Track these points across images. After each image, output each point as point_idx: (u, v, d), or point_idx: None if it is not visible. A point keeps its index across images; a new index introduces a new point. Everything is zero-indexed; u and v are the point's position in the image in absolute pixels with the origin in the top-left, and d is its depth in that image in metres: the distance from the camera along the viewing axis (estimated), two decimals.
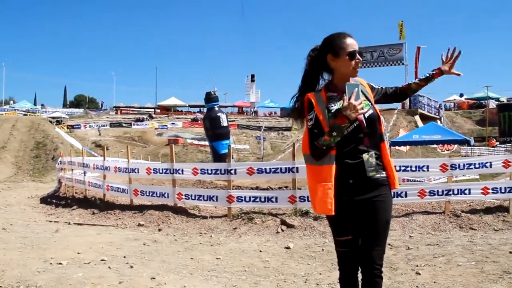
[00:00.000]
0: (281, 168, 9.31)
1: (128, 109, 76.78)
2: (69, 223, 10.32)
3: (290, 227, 8.89)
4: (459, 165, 8.88)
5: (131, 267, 6.15)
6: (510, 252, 6.48)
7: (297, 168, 9.12)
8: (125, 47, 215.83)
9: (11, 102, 74.80)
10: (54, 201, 13.89)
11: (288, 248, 7.52)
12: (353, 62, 2.94)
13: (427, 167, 8.88)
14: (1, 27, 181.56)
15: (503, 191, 8.81)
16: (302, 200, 9.13)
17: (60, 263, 6.32)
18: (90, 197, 12.45)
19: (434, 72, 3.14)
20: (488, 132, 45.40)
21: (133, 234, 8.92)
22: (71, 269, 5.97)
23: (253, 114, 71.14)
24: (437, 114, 43.18)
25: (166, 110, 74.93)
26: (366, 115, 2.93)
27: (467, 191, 8.85)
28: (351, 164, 2.88)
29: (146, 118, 65.37)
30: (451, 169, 8.81)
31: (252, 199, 9.42)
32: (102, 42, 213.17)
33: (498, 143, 40.46)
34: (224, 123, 27.79)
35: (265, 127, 60.17)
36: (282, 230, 8.79)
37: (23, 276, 5.60)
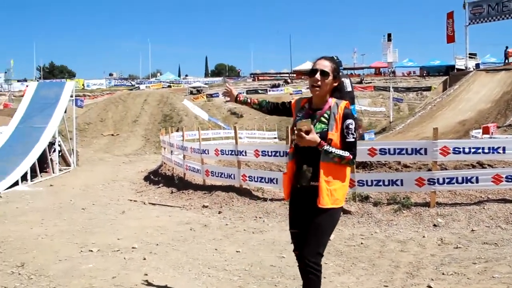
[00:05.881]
0: None
1: (265, 75, 78.15)
2: (144, 203, 10.89)
3: (347, 213, 8.31)
4: None
5: (144, 259, 6.20)
6: None
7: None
8: (262, 13, 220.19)
9: (158, 74, 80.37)
10: (152, 177, 14.76)
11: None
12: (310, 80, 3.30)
13: (503, 148, 7.57)
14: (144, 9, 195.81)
15: None
16: (361, 184, 8.46)
17: (91, 250, 6.67)
18: (176, 175, 12.95)
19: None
20: None
21: (190, 217, 9.08)
22: (91, 259, 6.24)
23: (391, 75, 67.50)
24: None
25: (302, 74, 74.66)
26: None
27: None
28: (296, 171, 3.38)
29: (282, 84, 66.01)
30: None
31: None
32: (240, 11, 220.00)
33: None
34: (349, 88, 26.91)
35: (402, 87, 56.80)
36: None
37: (45, 264, 5.99)
